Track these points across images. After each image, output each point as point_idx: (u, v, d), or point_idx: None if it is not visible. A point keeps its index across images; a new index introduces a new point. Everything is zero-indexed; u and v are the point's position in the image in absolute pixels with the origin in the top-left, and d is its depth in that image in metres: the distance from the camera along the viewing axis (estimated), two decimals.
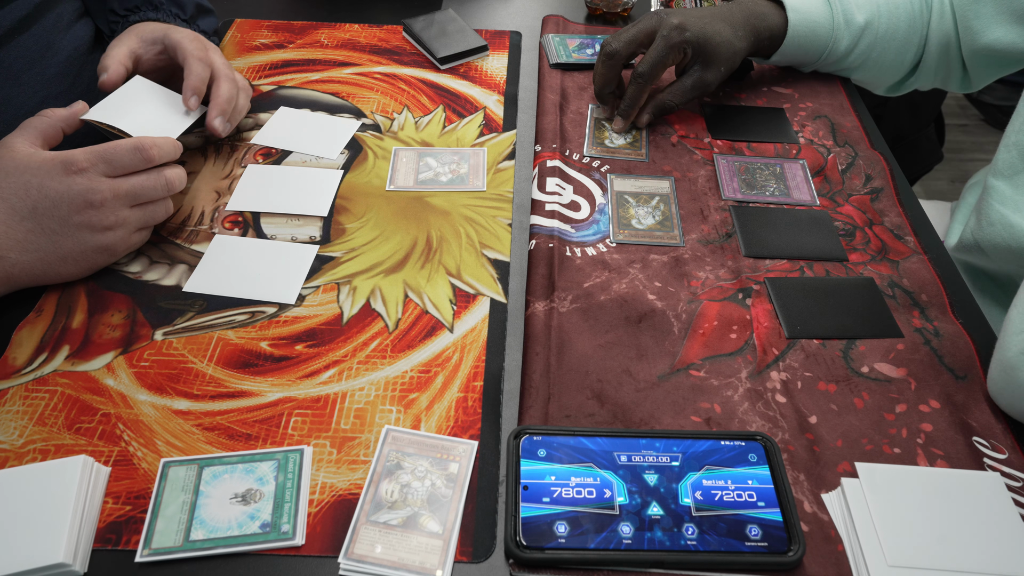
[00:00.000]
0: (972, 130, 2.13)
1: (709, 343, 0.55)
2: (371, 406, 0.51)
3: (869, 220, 0.65)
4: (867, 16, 0.74)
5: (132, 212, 0.57)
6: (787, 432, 0.49)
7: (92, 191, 0.54)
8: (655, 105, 0.73)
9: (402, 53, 0.86)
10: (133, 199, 0.57)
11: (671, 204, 0.66)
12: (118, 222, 0.56)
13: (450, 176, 0.70)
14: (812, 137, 0.74)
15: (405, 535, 0.43)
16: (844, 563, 0.43)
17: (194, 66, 0.65)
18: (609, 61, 0.71)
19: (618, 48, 0.70)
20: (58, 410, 0.50)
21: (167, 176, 0.59)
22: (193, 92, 0.65)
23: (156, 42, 0.68)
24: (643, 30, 0.70)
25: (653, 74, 0.69)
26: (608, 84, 0.73)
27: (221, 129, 0.66)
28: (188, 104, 0.65)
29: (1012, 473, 0.47)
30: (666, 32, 0.68)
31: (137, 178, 0.57)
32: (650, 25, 0.70)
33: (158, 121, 0.64)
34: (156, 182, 0.58)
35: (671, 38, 0.68)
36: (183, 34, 0.68)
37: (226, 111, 0.67)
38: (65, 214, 0.54)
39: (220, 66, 0.68)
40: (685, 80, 0.72)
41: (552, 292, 0.58)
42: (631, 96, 0.71)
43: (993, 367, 0.49)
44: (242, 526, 0.44)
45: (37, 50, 0.67)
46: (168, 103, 0.66)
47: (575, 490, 0.44)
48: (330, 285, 0.59)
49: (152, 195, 0.58)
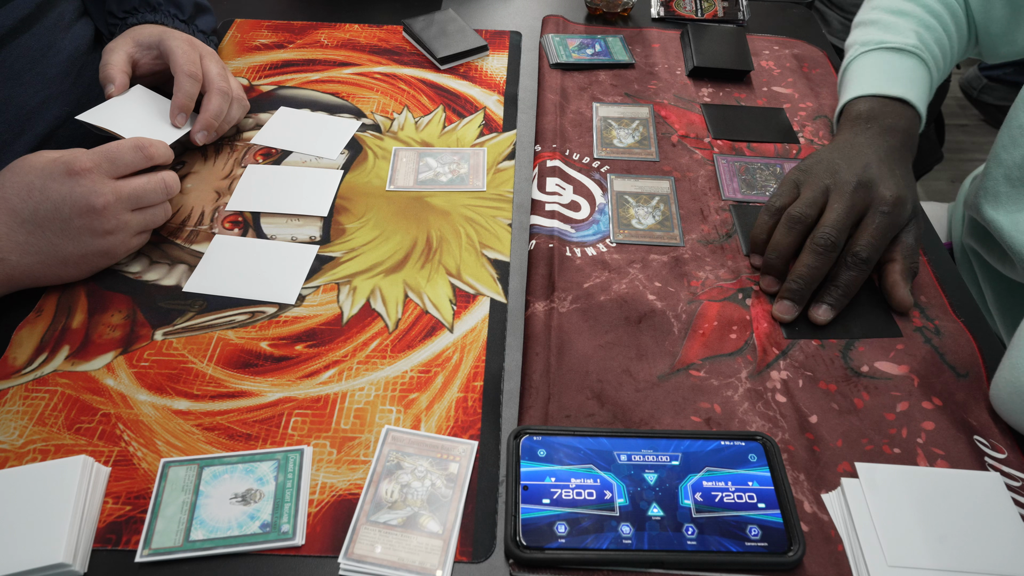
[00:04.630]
0: (972, 130, 2.13)
1: (709, 343, 0.55)
2: (371, 406, 0.51)
3: None
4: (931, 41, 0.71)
5: (133, 216, 0.57)
6: (787, 432, 0.49)
7: (95, 193, 0.54)
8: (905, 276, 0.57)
9: (402, 53, 0.86)
10: (134, 202, 0.57)
11: (671, 204, 0.66)
12: (119, 226, 0.56)
13: (450, 176, 0.70)
14: (812, 137, 0.74)
15: (405, 535, 0.43)
16: (844, 563, 0.43)
17: (183, 83, 0.66)
18: (797, 227, 0.57)
19: (809, 213, 0.56)
20: (58, 410, 0.50)
21: (165, 179, 0.59)
22: (180, 110, 0.66)
23: (152, 47, 0.69)
24: (855, 206, 0.56)
25: (873, 260, 0.55)
26: (789, 251, 0.57)
27: (200, 141, 0.68)
28: (175, 122, 0.67)
29: (1012, 473, 0.47)
30: (887, 209, 0.56)
31: (138, 181, 0.57)
32: (859, 201, 0.56)
33: (152, 129, 0.65)
34: (156, 185, 0.58)
35: (895, 216, 0.56)
36: (177, 42, 0.67)
37: (211, 126, 0.68)
38: (67, 217, 0.54)
39: (214, 77, 0.68)
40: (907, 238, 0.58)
41: (552, 292, 0.58)
42: (848, 282, 0.55)
43: (1002, 386, 0.48)
44: (242, 526, 0.44)
45: (38, 50, 0.67)
46: (163, 113, 0.67)
47: (575, 490, 0.44)
48: (330, 285, 0.59)
49: (152, 198, 0.58)
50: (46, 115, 0.67)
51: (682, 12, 0.93)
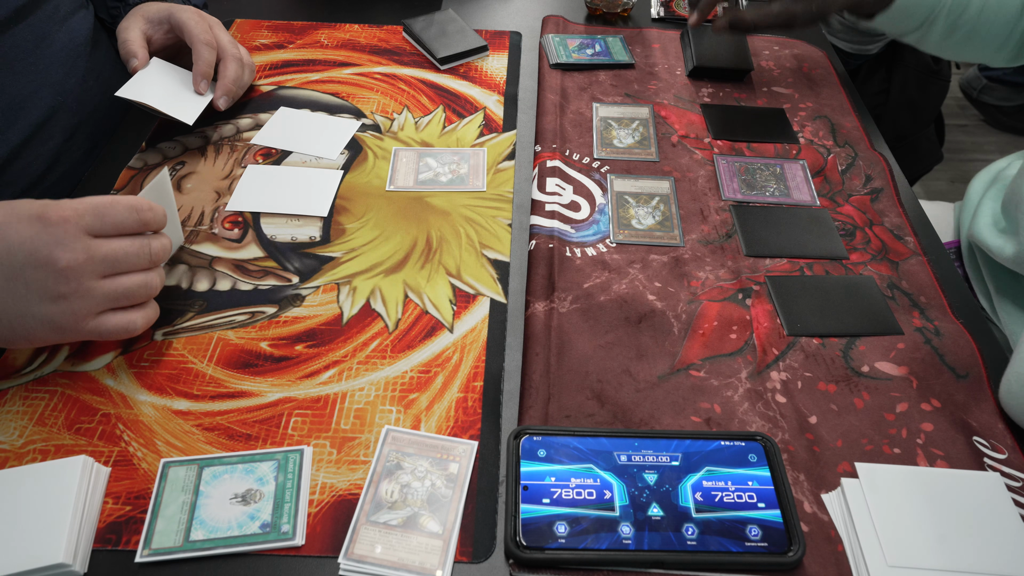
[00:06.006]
0: (972, 130, 2.13)
1: (709, 343, 0.55)
2: (371, 406, 0.51)
3: (869, 220, 0.65)
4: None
5: (100, 284, 0.46)
6: (787, 432, 0.49)
7: (62, 246, 0.44)
8: (731, 13, 0.71)
9: (402, 53, 0.86)
10: (108, 266, 0.47)
11: (671, 204, 0.66)
12: (79, 292, 0.45)
13: (450, 176, 0.70)
14: (812, 137, 0.74)
15: (405, 535, 0.43)
16: (844, 563, 0.43)
17: (202, 51, 0.70)
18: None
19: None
20: (58, 410, 0.50)
21: (151, 245, 0.49)
22: (203, 77, 0.71)
23: (163, 22, 0.73)
24: None
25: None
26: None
27: (223, 106, 0.72)
28: (199, 89, 0.71)
29: (1012, 473, 0.47)
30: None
31: (118, 243, 0.47)
32: None
33: (179, 97, 0.71)
34: (138, 249, 0.48)
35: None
36: (187, 14, 0.72)
37: (231, 91, 0.73)
38: (18, 265, 0.44)
39: (226, 44, 0.73)
40: (773, 5, 0.69)
41: (552, 292, 0.58)
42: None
43: (1013, 382, 0.48)
44: (242, 526, 0.44)
45: (32, 40, 0.67)
46: (185, 82, 0.73)
47: (575, 490, 0.44)
48: (330, 285, 0.59)
49: (130, 264, 0.47)
50: (39, 105, 0.67)
51: (682, 12, 0.93)
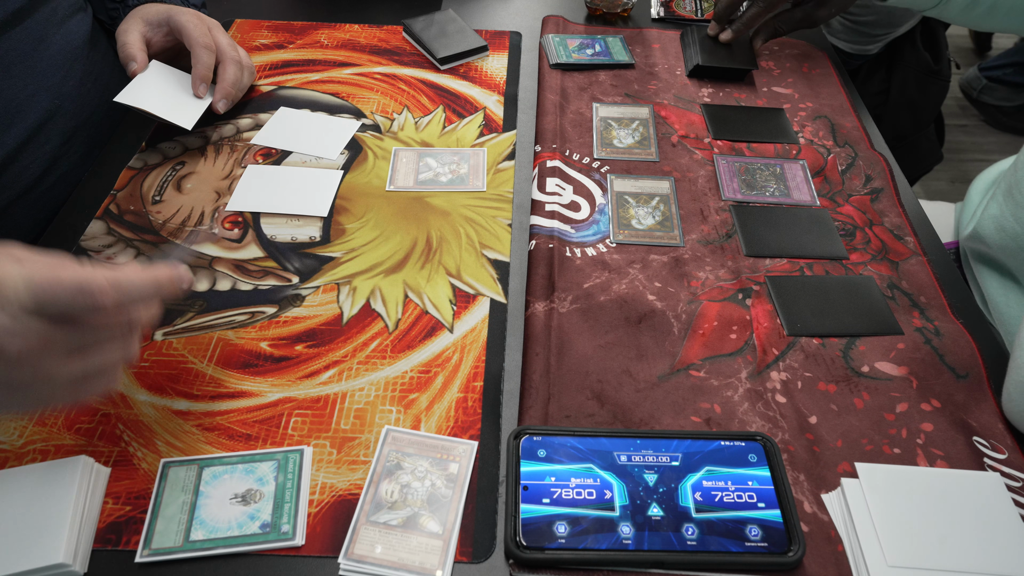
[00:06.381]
0: (972, 130, 2.13)
1: (709, 343, 0.55)
2: (371, 406, 0.51)
3: (869, 220, 0.65)
4: None
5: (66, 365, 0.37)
6: (787, 432, 0.49)
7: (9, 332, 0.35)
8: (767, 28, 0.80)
9: (402, 53, 0.86)
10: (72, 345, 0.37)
11: (671, 204, 0.66)
12: (37, 378, 0.37)
13: (450, 176, 0.70)
14: (812, 137, 0.74)
15: (405, 535, 0.43)
16: (844, 563, 0.43)
17: (201, 55, 0.70)
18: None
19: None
20: (58, 410, 0.50)
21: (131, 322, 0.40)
22: (202, 81, 0.71)
23: (162, 24, 0.73)
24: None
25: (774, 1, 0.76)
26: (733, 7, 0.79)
27: (222, 109, 0.72)
28: (197, 93, 0.71)
29: (1012, 473, 0.47)
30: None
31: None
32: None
33: (178, 101, 0.71)
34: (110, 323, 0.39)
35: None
36: (186, 17, 0.71)
37: (230, 94, 0.72)
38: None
39: (225, 48, 0.73)
40: (796, 12, 0.78)
41: (552, 292, 0.58)
42: (750, 16, 0.78)
43: (1013, 391, 0.48)
44: (242, 526, 0.44)
45: (29, 43, 0.67)
46: (184, 86, 0.72)
47: (575, 491, 0.44)
48: (330, 285, 0.59)
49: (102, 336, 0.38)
50: (36, 108, 0.67)
51: (682, 12, 0.93)
